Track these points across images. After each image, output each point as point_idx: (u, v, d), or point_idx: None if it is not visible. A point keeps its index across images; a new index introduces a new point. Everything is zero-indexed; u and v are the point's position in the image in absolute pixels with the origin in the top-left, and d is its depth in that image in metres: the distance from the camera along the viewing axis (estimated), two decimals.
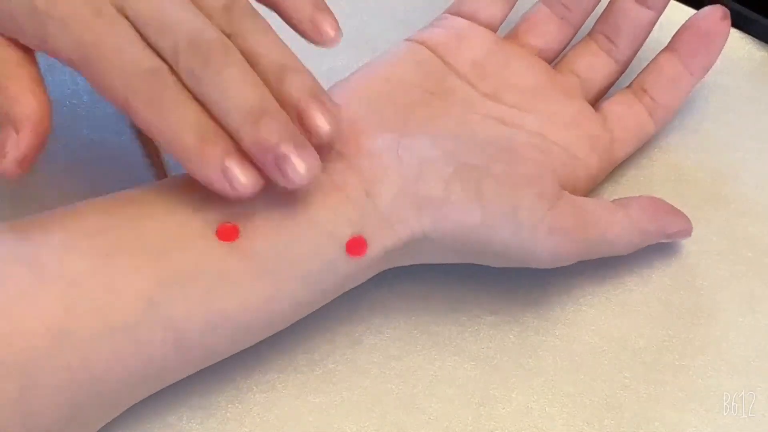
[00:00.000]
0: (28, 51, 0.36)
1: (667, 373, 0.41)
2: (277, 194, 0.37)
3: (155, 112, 0.34)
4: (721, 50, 0.46)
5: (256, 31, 0.36)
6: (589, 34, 0.47)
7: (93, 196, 0.37)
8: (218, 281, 0.35)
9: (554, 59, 0.46)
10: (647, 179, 0.47)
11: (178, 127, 0.34)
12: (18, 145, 0.35)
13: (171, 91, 0.34)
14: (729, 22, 0.46)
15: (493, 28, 0.45)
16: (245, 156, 0.34)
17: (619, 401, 0.40)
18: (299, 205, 0.37)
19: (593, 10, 0.47)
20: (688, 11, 0.47)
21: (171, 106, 0.34)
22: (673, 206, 0.43)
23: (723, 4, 0.46)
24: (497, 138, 0.41)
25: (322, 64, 0.49)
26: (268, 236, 0.36)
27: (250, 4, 0.37)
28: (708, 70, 0.46)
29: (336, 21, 0.38)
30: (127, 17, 0.35)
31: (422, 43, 0.43)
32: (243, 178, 0.34)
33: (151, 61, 0.34)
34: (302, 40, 0.51)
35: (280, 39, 0.37)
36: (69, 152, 0.45)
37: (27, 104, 0.35)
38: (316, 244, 0.37)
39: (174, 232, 0.36)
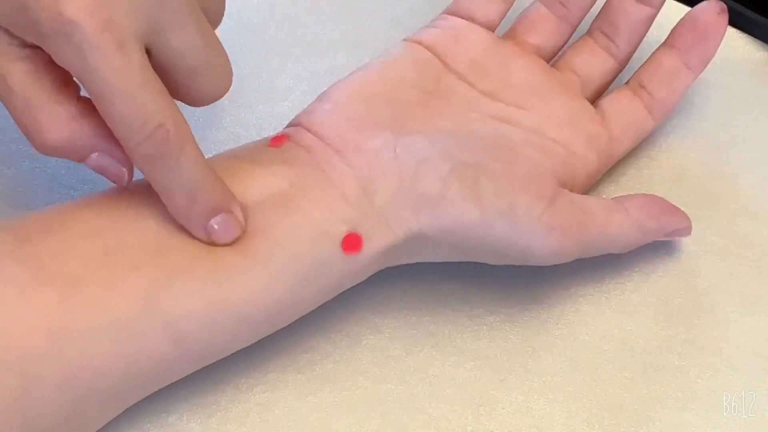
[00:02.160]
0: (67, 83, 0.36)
1: (667, 373, 0.41)
2: (273, 191, 0.37)
3: (152, 168, 0.35)
4: (718, 45, 0.46)
5: None
6: (588, 32, 0.47)
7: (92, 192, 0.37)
8: (216, 274, 0.35)
9: (552, 58, 0.46)
10: (647, 179, 0.47)
11: (170, 187, 0.35)
12: (120, 163, 0.36)
13: (171, 155, 0.34)
14: (726, 16, 0.46)
15: (491, 28, 0.45)
16: (228, 214, 0.36)
17: (619, 401, 0.40)
18: (296, 202, 0.37)
19: (591, 7, 0.47)
20: (686, 10, 0.47)
21: (167, 169, 0.35)
22: (672, 204, 0.43)
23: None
24: (495, 136, 0.41)
25: (322, 64, 0.50)
26: (264, 232, 0.36)
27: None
28: (706, 65, 0.46)
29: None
30: (151, 55, 0.34)
31: (420, 43, 0.43)
32: (226, 237, 0.36)
33: (159, 115, 0.34)
34: (302, 42, 0.51)
35: None
36: None
37: (108, 138, 0.36)
38: (311, 241, 0.37)
39: (172, 228, 0.36)
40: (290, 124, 0.41)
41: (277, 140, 0.40)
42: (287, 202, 0.37)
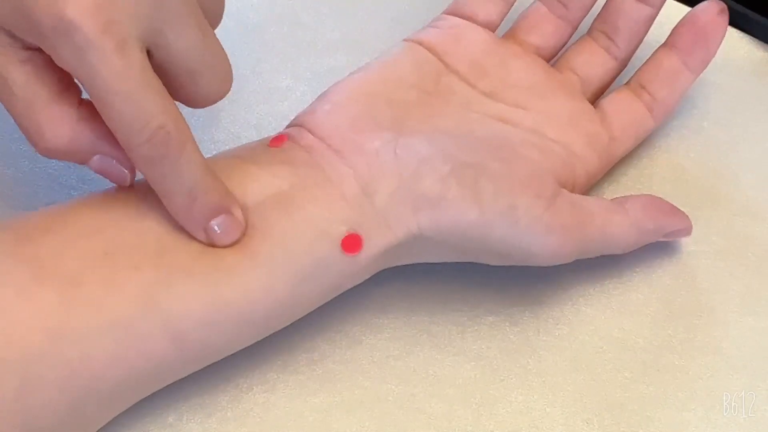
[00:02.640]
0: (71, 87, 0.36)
1: (667, 373, 0.41)
2: (273, 191, 0.37)
3: (152, 170, 0.35)
4: (719, 45, 0.46)
5: None
6: (588, 32, 0.47)
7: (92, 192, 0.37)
8: (216, 275, 0.35)
9: (552, 58, 0.46)
10: (647, 179, 0.47)
11: (170, 189, 0.35)
12: (122, 165, 0.36)
13: (171, 157, 0.34)
14: (726, 16, 0.46)
15: (492, 28, 0.45)
16: (228, 215, 0.36)
17: (619, 401, 0.40)
18: (295, 202, 0.37)
19: (591, 7, 0.47)
20: (686, 10, 0.47)
21: (167, 171, 0.35)
22: (672, 205, 0.43)
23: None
24: (495, 136, 0.41)
25: (322, 65, 0.50)
26: (264, 232, 0.36)
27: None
28: (706, 65, 0.46)
29: None
30: (152, 56, 0.34)
31: (420, 43, 0.43)
32: (226, 238, 0.36)
33: (160, 117, 0.34)
34: (302, 42, 0.51)
35: None
36: None
37: (109, 141, 0.36)
38: (311, 241, 0.37)
39: (172, 229, 0.36)
40: (290, 125, 0.41)
41: (277, 140, 0.40)
42: (287, 202, 0.37)
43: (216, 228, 0.36)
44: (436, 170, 0.38)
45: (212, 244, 0.36)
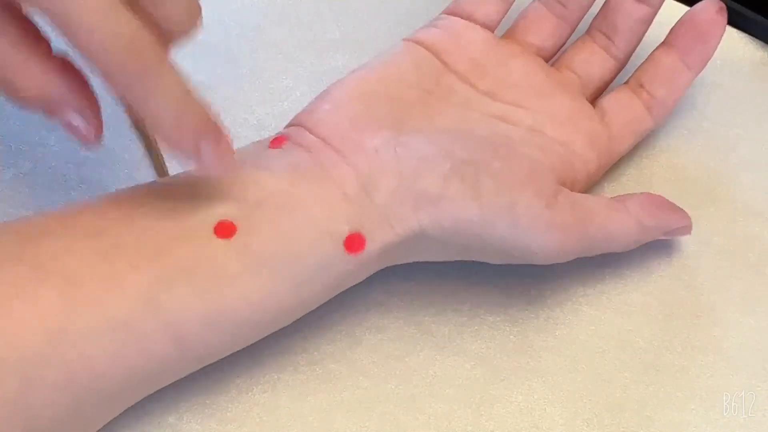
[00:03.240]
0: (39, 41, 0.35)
1: (667, 373, 0.41)
2: (274, 192, 0.37)
3: (134, 85, 0.34)
4: (717, 44, 0.46)
5: None
6: (587, 31, 0.47)
7: (92, 195, 0.37)
8: (216, 276, 0.35)
9: (552, 57, 0.46)
10: (647, 179, 0.47)
11: (158, 103, 0.34)
12: (89, 121, 0.36)
13: (151, 65, 0.33)
14: (725, 15, 0.46)
15: (491, 28, 0.45)
16: (217, 134, 0.35)
17: (619, 401, 0.40)
18: (296, 202, 0.37)
19: (590, 7, 0.47)
20: (685, 9, 0.47)
21: (150, 81, 0.33)
22: (672, 203, 0.43)
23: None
24: (495, 135, 0.41)
25: (322, 64, 0.50)
26: (265, 233, 0.36)
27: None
28: (705, 64, 0.46)
29: None
30: None
31: (419, 42, 0.44)
32: (217, 162, 0.35)
33: (132, 24, 0.33)
34: (302, 42, 0.51)
35: None
36: (69, 151, 0.45)
37: (80, 90, 0.35)
38: (313, 241, 0.37)
39: (172, 229, 0.36)
40: (290, 124, 0.41)
41: (278, 141, 0.40)
42: (288, 202, 0.37)
43: (207, 149, 0.35)
44: (437, 168, 0.38)
45: (205, 171, 0.35)
